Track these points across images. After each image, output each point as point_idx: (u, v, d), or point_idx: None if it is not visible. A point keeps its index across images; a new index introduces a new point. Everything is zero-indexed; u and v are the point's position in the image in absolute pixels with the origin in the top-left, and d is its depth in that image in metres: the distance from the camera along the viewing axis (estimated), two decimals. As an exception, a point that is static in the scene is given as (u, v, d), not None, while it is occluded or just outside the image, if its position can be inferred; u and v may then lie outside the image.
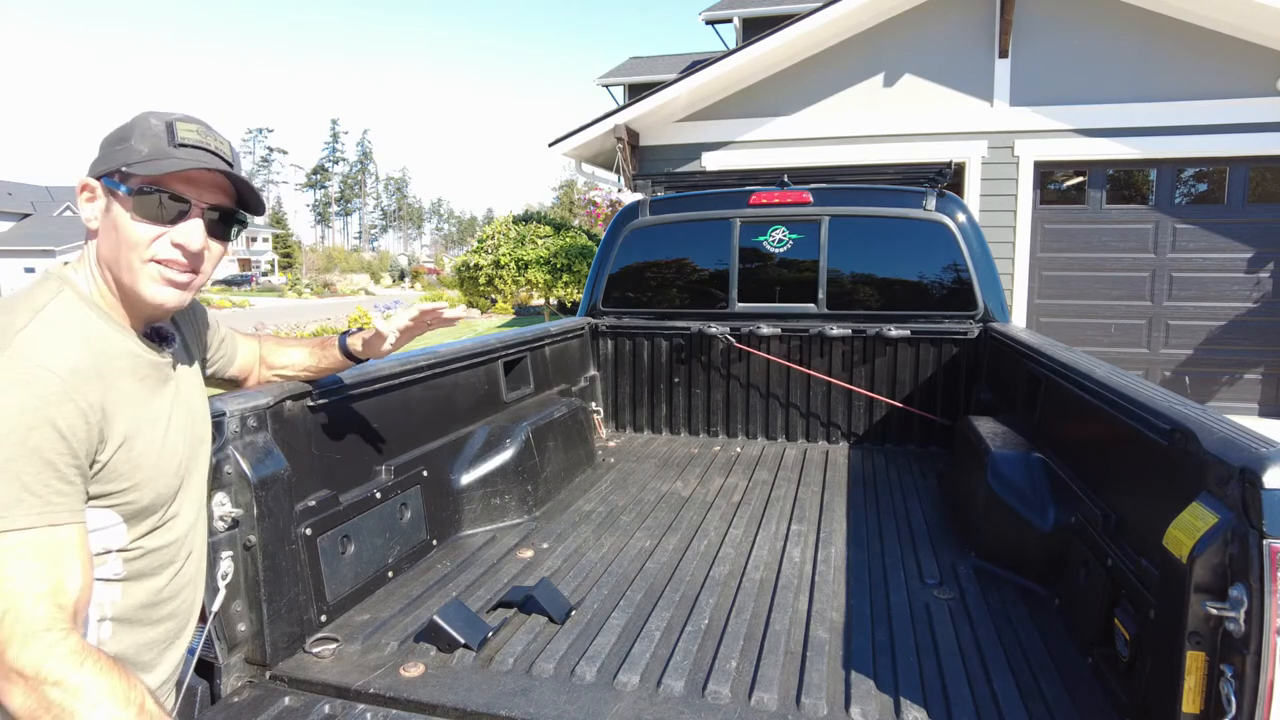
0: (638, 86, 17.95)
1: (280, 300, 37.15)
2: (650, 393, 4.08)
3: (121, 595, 1.18)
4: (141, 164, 1.12)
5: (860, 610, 2.00)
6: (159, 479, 1.20)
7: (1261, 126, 6.79)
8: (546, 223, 15.03)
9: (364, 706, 1.58)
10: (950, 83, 7.55)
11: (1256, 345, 7.13)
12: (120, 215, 1.14)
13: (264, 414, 1.71)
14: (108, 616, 1.17)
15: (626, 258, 4.10)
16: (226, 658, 1.63)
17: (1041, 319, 7.65)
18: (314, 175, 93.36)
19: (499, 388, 3.01)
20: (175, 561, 1.27)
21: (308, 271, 52.51)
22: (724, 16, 17.43)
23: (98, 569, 1.13)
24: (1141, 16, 7.02)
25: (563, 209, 48.99)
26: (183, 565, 1.29)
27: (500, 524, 2.67)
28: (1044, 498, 2.20)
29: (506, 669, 1.71)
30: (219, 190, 1.21)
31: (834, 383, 3.80)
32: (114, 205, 1.14)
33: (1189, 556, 1.28)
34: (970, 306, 3.62)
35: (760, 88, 8.06)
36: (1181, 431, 1.46)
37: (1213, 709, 1.24)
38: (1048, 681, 1.65)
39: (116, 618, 1.18)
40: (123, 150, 1.14)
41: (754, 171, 4.25)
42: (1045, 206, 7.58)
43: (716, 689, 1.61)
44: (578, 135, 8.32)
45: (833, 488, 3.10)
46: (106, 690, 0.96)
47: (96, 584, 1.12)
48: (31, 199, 46.13)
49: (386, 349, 1.80)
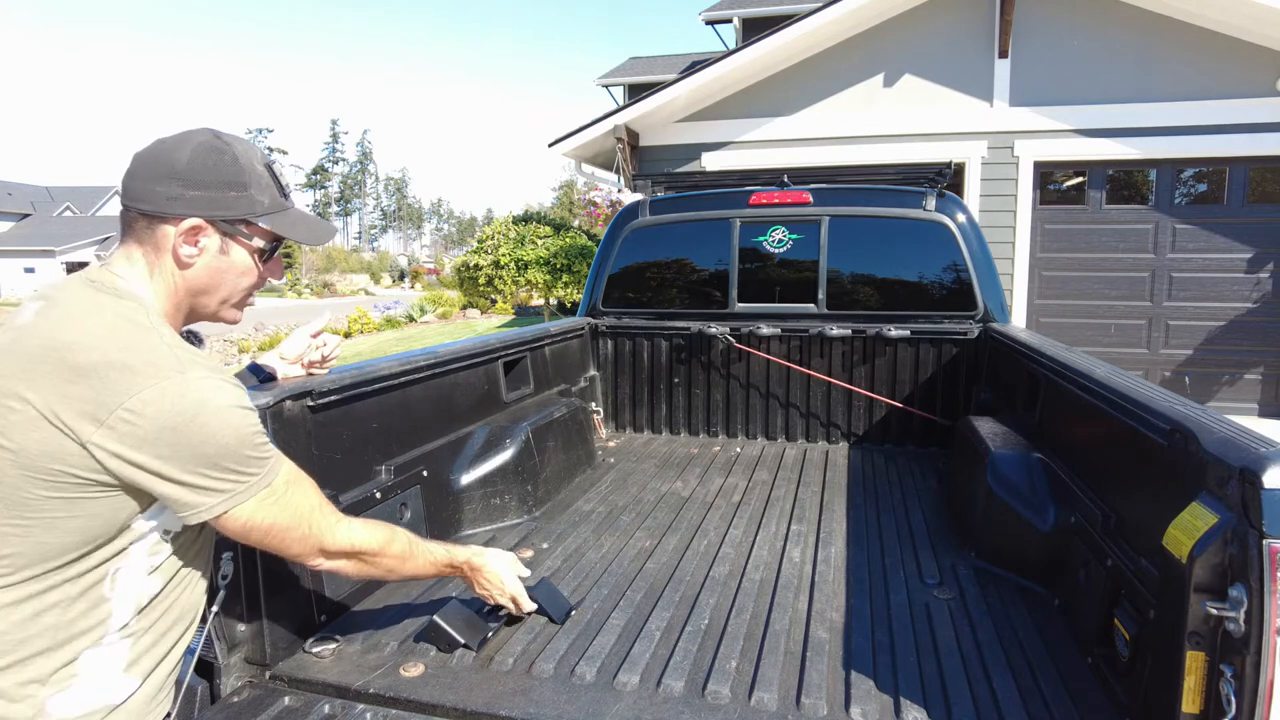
0: (637, 87, 17.95)
1: (280, 300, 37.14)
2: (650, 393, 4.08)
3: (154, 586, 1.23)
4: (266, 217, 1.25)
5: (860, 610, 2.00)
6: None
7: (1261, 127, 6.79)
8: (546, 223, 15.03)
9: (364, 706, 1.58)
10: (950, 83, 7.55)
11: (1256, 345, 7.13)
12: (241, 260, 1.26)
13: (264, 414, 1.71)
14: (135, 625, 1.19)
15: (626, 258, 4.10)
16: (226, 658, 1.63)
17: (1041, 319, 7.65)
18: (314, 175, 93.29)
19: (499, 388, 3.01)
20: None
21: (307, 272, 52.48)
22: (724, 17, 17.43)
23: (151, 558, 1.20)
24: (1141, 16, 7.02)
25: (562, 209, 48.97)
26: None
27: (500, 524, 2.67)
28: (1044, 498, 2.19)
29: (506, 669, 1.71)
30: None
31: (834, 383, 3.80)
32: (233, 249, 1.24)
33: (1189, 556, 1.28)
34: (970, 307, 3.63)
35: (760, 88, 8.06)
36: (1181, 431, 1.46)
37: (1213, 709, 1.24)
38: (1048, 681, 1.65)
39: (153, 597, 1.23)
40: (244, 200, 1.23)
41: (754, 172, 4.25)
42: (1045, 207, 7.58)
43: (716, 689, 1.61)
44: (577, 135, 8.32)
45: (833, 488, 3.10)
46: (386, 534, 1.51)
47: (147, 579, 1.19)
48: (31, 199, 46.15)
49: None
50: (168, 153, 1.19)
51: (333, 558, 1.39)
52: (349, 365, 2.15)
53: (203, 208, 1.19)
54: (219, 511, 1.16)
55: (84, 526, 1.08)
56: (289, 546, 1.30)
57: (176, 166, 1.18)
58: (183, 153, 1.19)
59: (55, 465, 1.04)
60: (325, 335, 1.93)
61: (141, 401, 1.05)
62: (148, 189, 1.17)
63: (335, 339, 1.96)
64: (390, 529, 1.53)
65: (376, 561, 1.47)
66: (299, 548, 1.31)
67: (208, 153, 1.20)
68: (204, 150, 1.20)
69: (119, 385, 1.05)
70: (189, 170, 1.18)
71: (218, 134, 1.24)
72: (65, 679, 1.11)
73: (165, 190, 1.17)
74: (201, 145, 1.21)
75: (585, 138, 8.33)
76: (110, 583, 1.13)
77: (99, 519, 1.09)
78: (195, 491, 1.12)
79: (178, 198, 1.18)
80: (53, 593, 1.09)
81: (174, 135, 1.23)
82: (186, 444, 1.09)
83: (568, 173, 50.06)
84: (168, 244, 1.19)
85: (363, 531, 1.43)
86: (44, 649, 1.09)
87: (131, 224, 1.20)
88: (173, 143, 1.21)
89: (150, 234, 1.19)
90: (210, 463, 1.12)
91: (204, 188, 1.19)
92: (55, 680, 1.10)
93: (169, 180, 1.17)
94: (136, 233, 1.20)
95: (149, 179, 1.17)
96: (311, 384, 1.88)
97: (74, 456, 1.04)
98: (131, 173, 1.19)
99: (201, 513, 1.14)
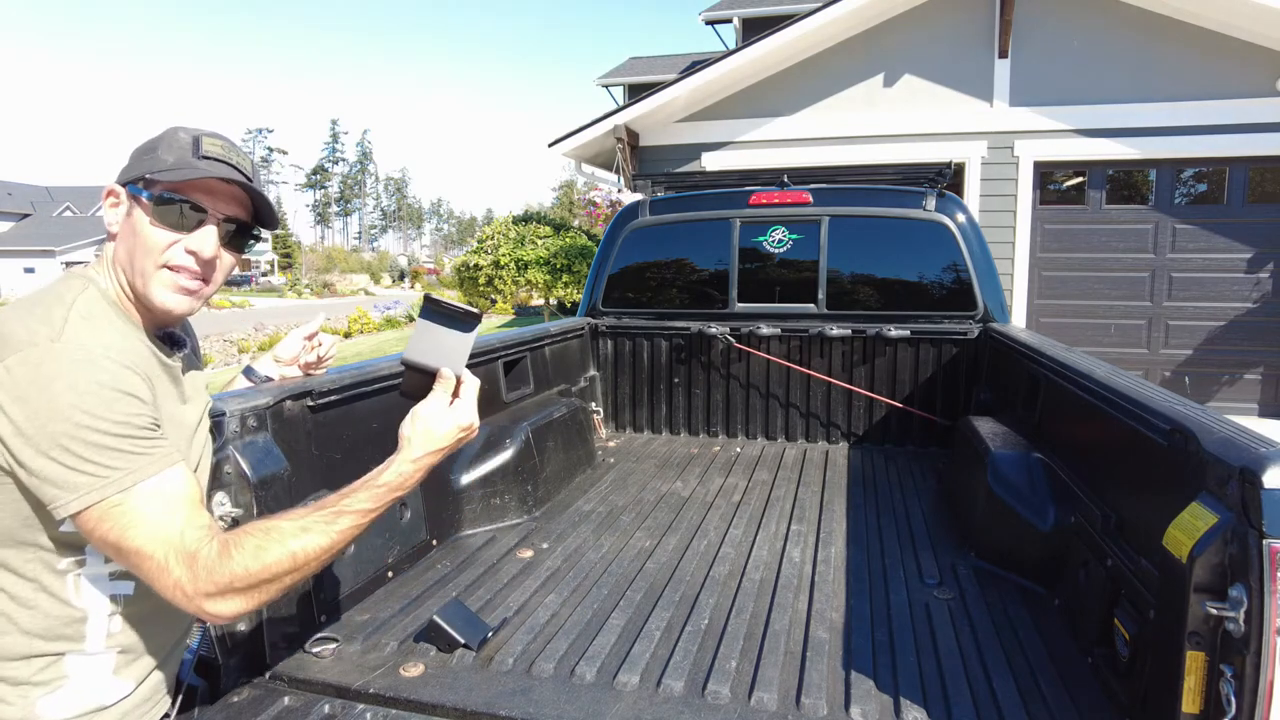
0: (637, 87, 17.94)
1: (280, 300, 37.15)
2: (650, 393, 4.08)
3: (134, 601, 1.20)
4: (165, 173, 1.18)
5: (860, 610, 2.00)
6: None
7: (1261, 127, 6.79)
8: (546, 223, 15.03)
9: (364, 706, 1.58)
10: (950, 83, 7.55)
11: (1256, 345, 7.13)
12: (140, 220, 1.19)
13: (264, 414, 1.71)
14: (116, 627, 1.18)
15: (626, 258, 4.10)
16: (226, 658, 1.63)
17: (1041, 319, 7.65)
18: (314, 175, 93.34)
19: (499, 388, 3.01)
20: None
21: (307, 272, 52.53)
22: (724, 17, 17.43)
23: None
24: (1141, 16, 7.02)
25: (562, 209, 48.96)
26: None
27: (500, 524, 2.67)
28: (1044, 498, 2.19)
29: (506, 669, 1.71)
30: (236, 203, 1.26)
31: (834, 383, 3.80)
32: (135, 210, 1.19)
33: (1189, 556, 1.28)
34: (970, 307, 3.63)
35: (760, 88, 8.06)
36: (1181, 431, 1.46)
37: (1213, 709, 1.24)
38: (1048, 681, 1.65)
39: (128, 618, 1.19)
40: (149, 159, 1.20)
41: (754, 172, 4.25)
42: (1045, 206, 7.58)
43: (716, 689, 1.61)
44: (577, 135, 8.32)
45: (833, 488, 3.10)
46: (275, 533, 1.14)
47: (114, 583, 1.15)
48: (31, 199, 46.12)
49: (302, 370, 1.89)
50: None
51: (216, 600, 1.08)
52: (349, 365, 2.15)
53: (120, 176, 1.23)
54: (73, 508, 1.02)
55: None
56: (153, 581, 1.07)
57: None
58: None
59: None
60: (321, 336, 1.91)
61: (3, 368, 1.01)
62: None
63: (331, 339, 1.95)
64: (293, 516, 1.18)
65: (299, 571, 1.15)
66: (163, 586, 1.06)
67: (154, 136, 1.25)
68: (155, 135, 1.25)
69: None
70: (130, 154, 1.24)
71: (183, 126, 1.26)
72: (55, 681, 1.11)
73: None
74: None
75: (585, 138, 8.33)
76: (74, 590, 1.12)
77: (6, 509, 1.06)
78: (46, 477, 1.01)
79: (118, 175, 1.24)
80: (21, 600, 1.08)
81: None
82: (35, 416, 1.00)
83: (568, 173, 50.02)
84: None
85: (246, 549, 1.10)
86: (26, 654, 1.09)
87: None
88: None
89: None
90: (57, 442, 1.00)
91: (129, 159, 1.24)
92: (45, 683, 1.10)
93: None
94: None
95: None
96: (311, 384, 1.88)
97: None
98: None
99: (59, 505, 1.02)
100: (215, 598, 1.07)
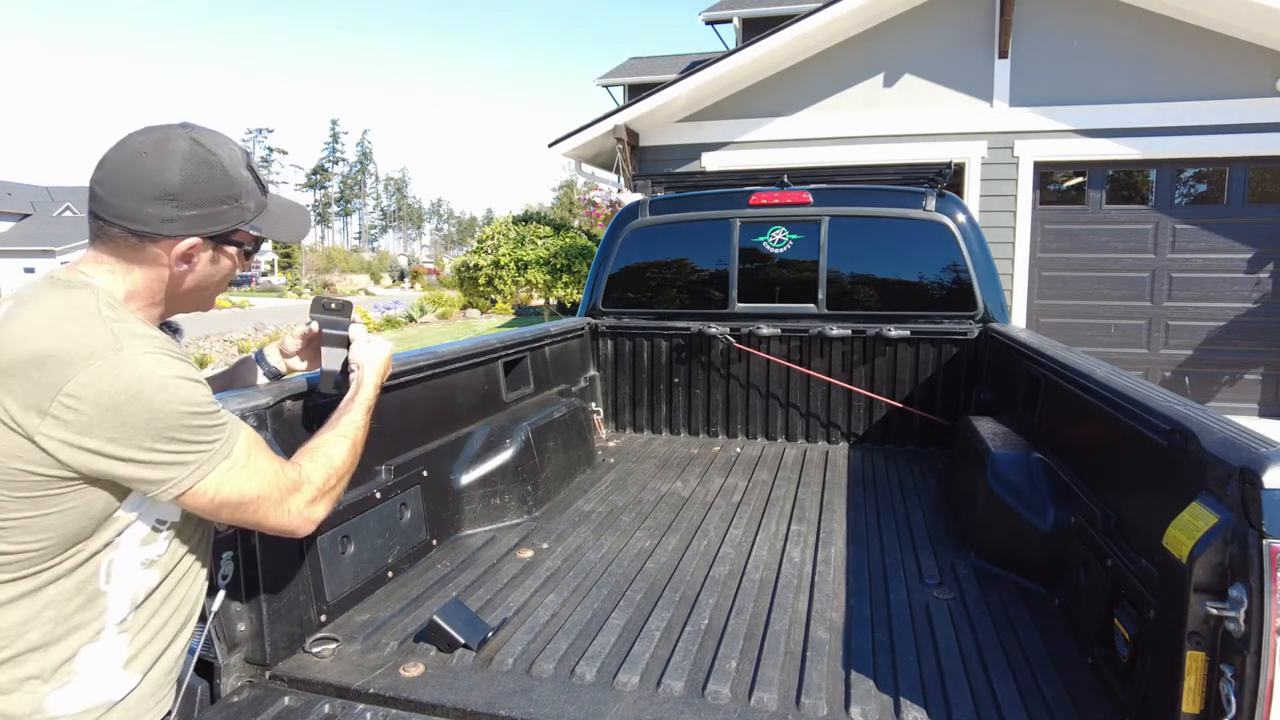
0: (637, 87, 17.95)
1: (280, 300, 37.14)
2: (650, 393, 4.08)
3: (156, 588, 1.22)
4: (255, 222, 1.28)
5: (860, 610, 2.00)
6: None
7: (1261, 127, 6.79)
8: (546, 223, 15.04)
9: (364, 706, 1.58)
10: (950, 83, 7.55)
11: (1256, 345, 7.13)
12: (227, 265, 1.29)
13: (264, 413, 1.71)
14: (132, 620, 1.19)
15: (626, 258, 4.10)
16: (226, 658, 1.63)
17: (1041, 319, 7.65)
18: (314, 175, 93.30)
19: (499, 388, 3.01)
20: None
21: (307, 272, 52.55)
22: (724, 17, 17.43)
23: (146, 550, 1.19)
24: (1141, 16, 7.02)
25: (562, 209, 48.97)
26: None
27: (500, 524, 2.67)
28: (1044, 498, 2.19)
29: (506, 669, 1.71)
30: None
31: (834, 383, 3.80)
32: (222, 258, 1.27)
33: (1189, 556, 1.28)
34: (970, 307, 3.63)
35: (760, 88, 8.06)
36: (1181, 431, 1.46)
37: (1213, 709, 1.24)
38: (1048, 681, 1.65)
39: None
40: (235, 211, 1.24)
41: (754, 172, 4.25)
42: (1045, 207, 7.58)
43: (716, 689, 1.61)
44: (577, 135, 8.32)
45: (832, 488, 3.10)
46: (323, 447, 1.42)
47: (140, 572, 1.18)
48: (31, 199, 46.12)
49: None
50: (153, 169, 1.14)
51: (316, 506, 1.33)
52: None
53: (198, 226, 1.19)
54: (185, 486, 1.13)
55: (61, 523, 1.07)
56: (266, 519, 1.25)
57: (169, 186, 1.15)
58: (172, 170, 1.15)
59: (14, 464, 1.03)
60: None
61: (79, 385, 1.03)
62: (137, 210, 1.14)
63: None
64: (322, 437, 1.46)
65: (351, 470, 1.45)
66: (277, 518, 1.26)
67: (198, 166, 1.17)
68: (193, 164, 1.17)
69: (55, 372, 1.03)
70: (183, 189, 1.16)
71: (196, 139, 1.20)
72: (64, 676, 1.11)
73: (159, 212, 1.15)
74: (189, 158, 1.17)
75: (585, 138, 8.33)
76: (105, 575, 1.13)
77: (74, 513, 1.08)
78: (153, 468, 1.10)
79: (173, 219, 1.16)
80: (48, 589, 1.09)
81: (149, 142, 1.17)
82: (132, 421, 1.06)
83: (568, 173, 50.04)
84: (157, 260, 1.18)
85: (318, 462, 1.37)
86: (40, 644, 1.09)
87: (111, 237, 1.15)
88: (154, 154, 1.16)
89: (136, 251, 1.16)
90: (161, 436, 1.09)
91: (199, 206, 1.18)
92: (54, 677, 1.10)
93: (162, 202, 1.14)
94: (115, 246, 1.16)
95: (138, 199, 1.14)
96: (311, 383, 1.88)
97: (28, 452, 1.03)
98: (112, 189, 1.14)
99: (169, 488, 1.12)
100: (316, 503, 1.33)
